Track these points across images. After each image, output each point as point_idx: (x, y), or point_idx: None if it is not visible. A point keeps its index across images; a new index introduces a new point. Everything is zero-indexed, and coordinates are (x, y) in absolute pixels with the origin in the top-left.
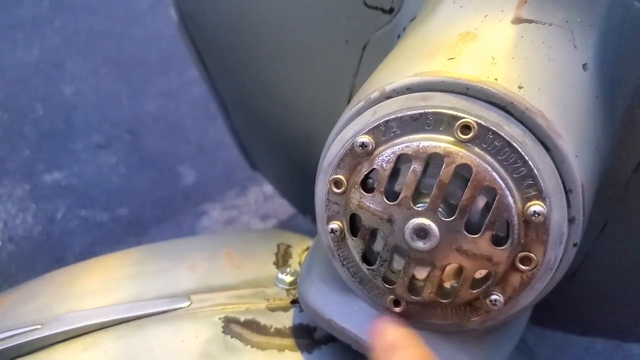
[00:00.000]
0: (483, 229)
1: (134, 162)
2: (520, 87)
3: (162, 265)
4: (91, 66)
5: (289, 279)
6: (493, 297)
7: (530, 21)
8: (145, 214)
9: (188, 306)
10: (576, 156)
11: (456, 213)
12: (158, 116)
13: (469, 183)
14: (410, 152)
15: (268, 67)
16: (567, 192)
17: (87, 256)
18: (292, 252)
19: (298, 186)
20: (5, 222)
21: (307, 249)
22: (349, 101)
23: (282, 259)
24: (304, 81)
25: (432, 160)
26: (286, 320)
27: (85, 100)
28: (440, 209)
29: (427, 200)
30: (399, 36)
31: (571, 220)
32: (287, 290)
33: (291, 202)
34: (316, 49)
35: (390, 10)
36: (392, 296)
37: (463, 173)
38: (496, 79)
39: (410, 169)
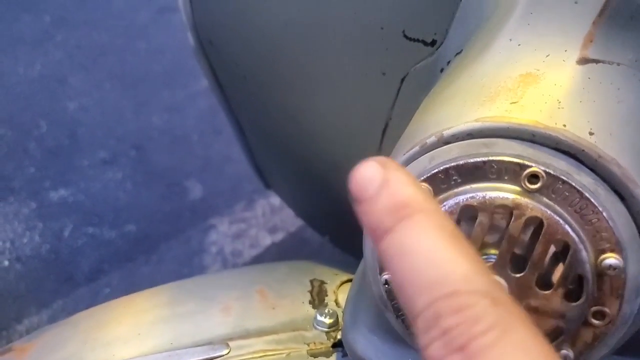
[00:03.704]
0: (555, 285)
1: (141, 177)
2: (591, 134)
3: (193, 307)
4: (95, 81)
5: (328, 320)
6: (563, 352)
7: (597, 61)
8: (153, 230)
9: (227, 354)
10: None
11: (527, 269)
12: (163, 130)
13: (541, 237)
14: (475, 204)
15: (296, 96)
16: None
17: (96, 275)
18: (327, 289)
19: (319, 210)
20: (12, 241)
21: (342, 284)
22: (383, 133)
23: (317, 298)
24: (336, 111)
25: (497, 210)
26: None
27: (89, 116)
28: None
29: (492, 251)
30: (441, 70)
31: None
32: (327, 332)
33: (308, 222)
34: (350, 79)
35: (433, 43)
36: None
37: (531, 223)
38: (564, 125)
39: (477, 222)
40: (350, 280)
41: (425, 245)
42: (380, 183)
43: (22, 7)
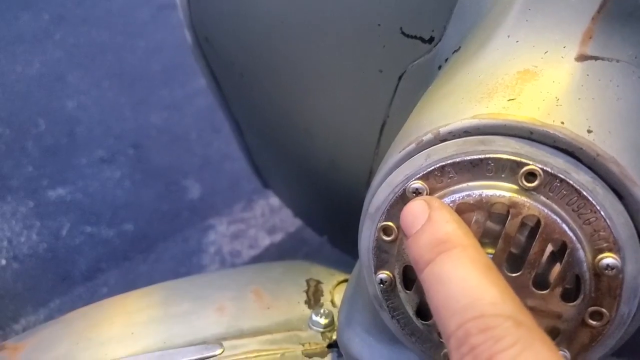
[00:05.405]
0: (552, 285)
1: (139, 176)
2: (589, 131)
3: (187, 307)
4: (93, 79)
5: (323, 320)
6: (560, 353)
7: (595, 58)
8: (151, 229)
9: (221, 354)
10: None
11: (523, 268)
12: (162, 129)
13: (537, 236)
14: (472, 202)
15: (293, 93)
16: None
17: (94, 274)
18: (322, 289)
19: (317, 209)
20: (9, 240)
21: (338, 284)
22: (381, 130)
23: (313, 298)
24: (333, 109)
25: (493, 208)
26: None
27: (88, 114)
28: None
29: (489, 250)
30: (439, 67)
31: None
32: (323, 333)
33: (306, 222)
34: (347, 77)
35: (430, 40)
36: (446, 350)
37: (528, 222)
38: (562, 123)
39: (473, 221)
40: (346, 280)
41: (459, 275)
42: (425, 221)
43: (21, 5)
